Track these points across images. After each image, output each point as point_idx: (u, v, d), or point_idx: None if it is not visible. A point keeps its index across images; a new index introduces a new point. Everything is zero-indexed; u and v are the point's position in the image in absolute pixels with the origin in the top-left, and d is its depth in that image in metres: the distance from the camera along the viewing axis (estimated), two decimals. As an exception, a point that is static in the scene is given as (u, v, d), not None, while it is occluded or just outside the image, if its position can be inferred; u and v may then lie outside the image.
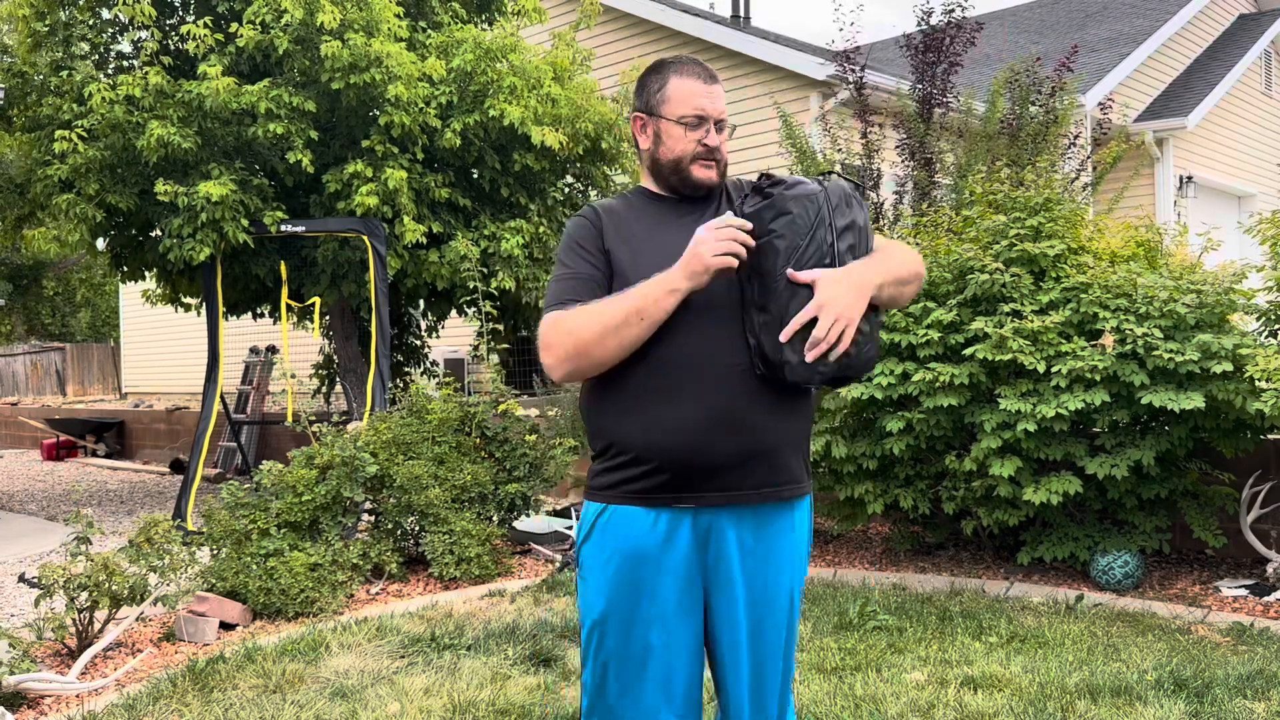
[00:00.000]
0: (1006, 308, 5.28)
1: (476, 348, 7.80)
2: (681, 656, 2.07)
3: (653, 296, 1.97)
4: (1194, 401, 4.74)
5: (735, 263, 1.95)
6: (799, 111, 10.64)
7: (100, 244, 9.22)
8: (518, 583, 5.71)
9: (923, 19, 9.51)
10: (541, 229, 8.51)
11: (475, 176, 8.63)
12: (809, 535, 2.20)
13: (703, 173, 2.12)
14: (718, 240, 1.95)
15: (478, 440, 6.51)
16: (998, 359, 5.12)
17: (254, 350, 12.08)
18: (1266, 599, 4.93)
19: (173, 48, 8.33)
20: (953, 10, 9.47)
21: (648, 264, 2.03)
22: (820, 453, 5.72)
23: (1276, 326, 5.14)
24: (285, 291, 8.28)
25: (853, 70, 9.67)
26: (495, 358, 7.12)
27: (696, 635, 2.10)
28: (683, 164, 2.12)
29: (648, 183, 2.21)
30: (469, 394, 7.25)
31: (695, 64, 2.15)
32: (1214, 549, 5.48)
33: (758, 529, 2.08)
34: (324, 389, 10.73)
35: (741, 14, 14.45)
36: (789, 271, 1.97)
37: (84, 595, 4.46)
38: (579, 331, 1.99)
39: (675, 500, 2.04)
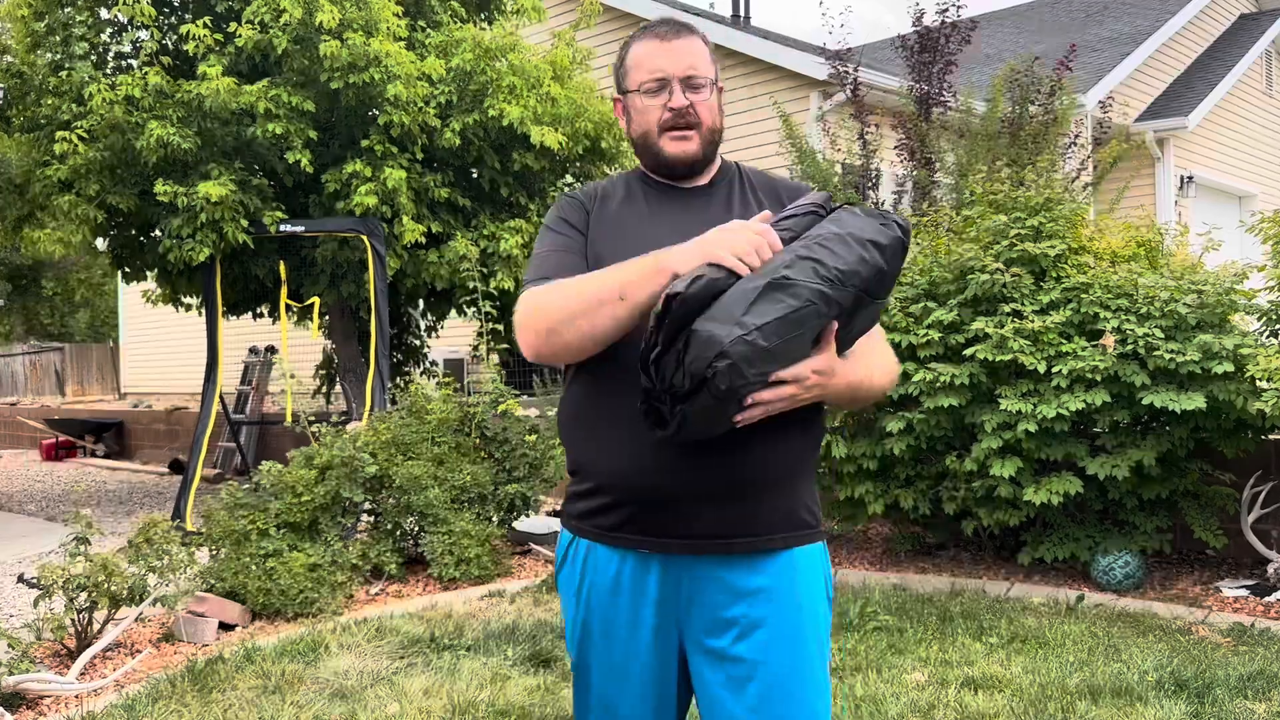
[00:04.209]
0: (1007, 308, 5.28)
1: (476, 348, 7.79)
2: (657, 706, 1.84)
3: (640, 274, 1.64)
4: (1195, 402, 4.73)
5: (740, 266, 1.60)
6: (799, 111, 10.63)
7: (101, 244, 9.21)
8: (517, 583, 5.70)
9: (916, 19, 9.52)
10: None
11: (475, 176, 8.62)
12: (822, 587, 1.81)
13: (675, 146, 1.84)
14: (740, 238, 1.62)
15: (477, 440, 6.50)
16: (998, 359, 5.11)
17: (253, 350, 12.07)
18: (1267, 599, 4.92)
19: (172, 48, 8.32)
20: (946, 10, 9.47)
21: (628, 254, 1.73)
22: (820, 453, 5.71)
23: (1277, 326, 5.13)
24: (285, 291, 8.27)
25: (847, 71, 9.67)
26: (495, 358, 7.12)
27: (671, 687, 1.84)
28: (650, 138, 1.85)
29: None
30: (469, 394, 7.25)
31: (660, 22, 1.89)
32: (1215, 549, 5.47)
33: (747, 579, 1.75)
34: (324, 389, 10.72)
35: (741, 14, 14.44)
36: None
37: (83, 596, 4.45)
38: (551, 310, 1.70)
39: (641, 542, 1.76)
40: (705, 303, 1.57)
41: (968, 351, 5.23)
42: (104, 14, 8.49)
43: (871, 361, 1.78)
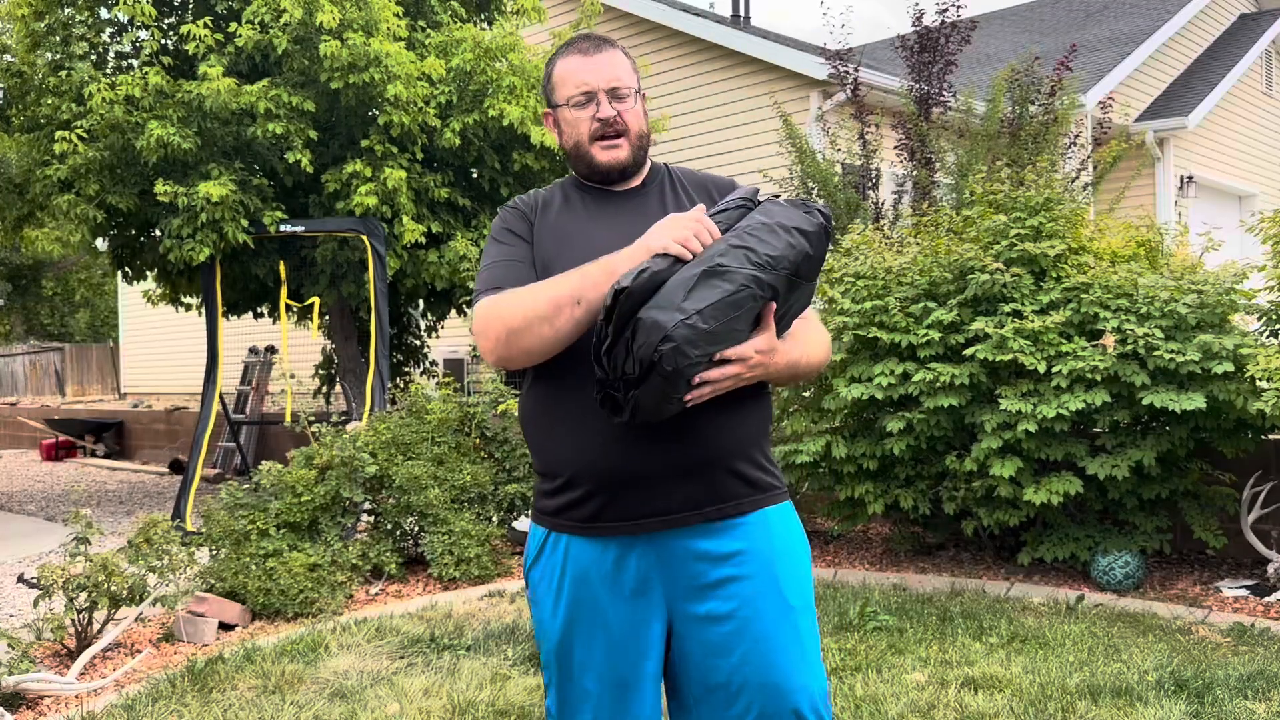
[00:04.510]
0: (1007, 308, 5.28)
1: (476, 348, 7.79)
2: (643, 691, 1.91)
3: (592, 279, 1.76)
4: (1195, 402, 4.73)
5: (684, 252, 1.73)
6: (799, 111, 10.64)
7: (101, 244, 9.21)
8: (517, 583, 5.70)
9: (916, 19, 9.52)
10: (541, 229, 8.50)
11: (475, 176, 8.62)
12: (797, 543, 1.94)
13: (606, 154, 1.95)
14: (679, 226, 1.76)
15: (477, 440, 6.50)
16: (998, 359, 5.11)
17: (253, 350, 12.07)
18: (1267, 599, 4.92)
19: (172, 48, 8.32)
20: (945, 10, 9.47)
21: (573, 258, 1.84)
22: (820, 453, 5.71)
23: (1277, 326, 5.13)
24: (285, 291, 8.28)
25: (847, 71, 9.67)
26: (495, 358, 7.11)
27: (658, 668, 1.93)
28: (582, 147, 1.96)
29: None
30: (468, 394, 7.25)
31: (581, 39, 1.99)
32: (1215, 549, 5.47)
33: (721, 543, 1.86)
34: (324, 389, 10.73)
35: (741, 14, 14.44)
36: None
37: (83, 596, 4.45)
38: (509, 316, 1.80)
39: (617, 529, 1.85)
40: (649, 294, 1.69)
41: (968, 351, 5.23)
42: (104, 14, 8.49)
43: (808, 339, 1.92)
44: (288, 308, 8.62)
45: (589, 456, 1.84)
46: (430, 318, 10.35)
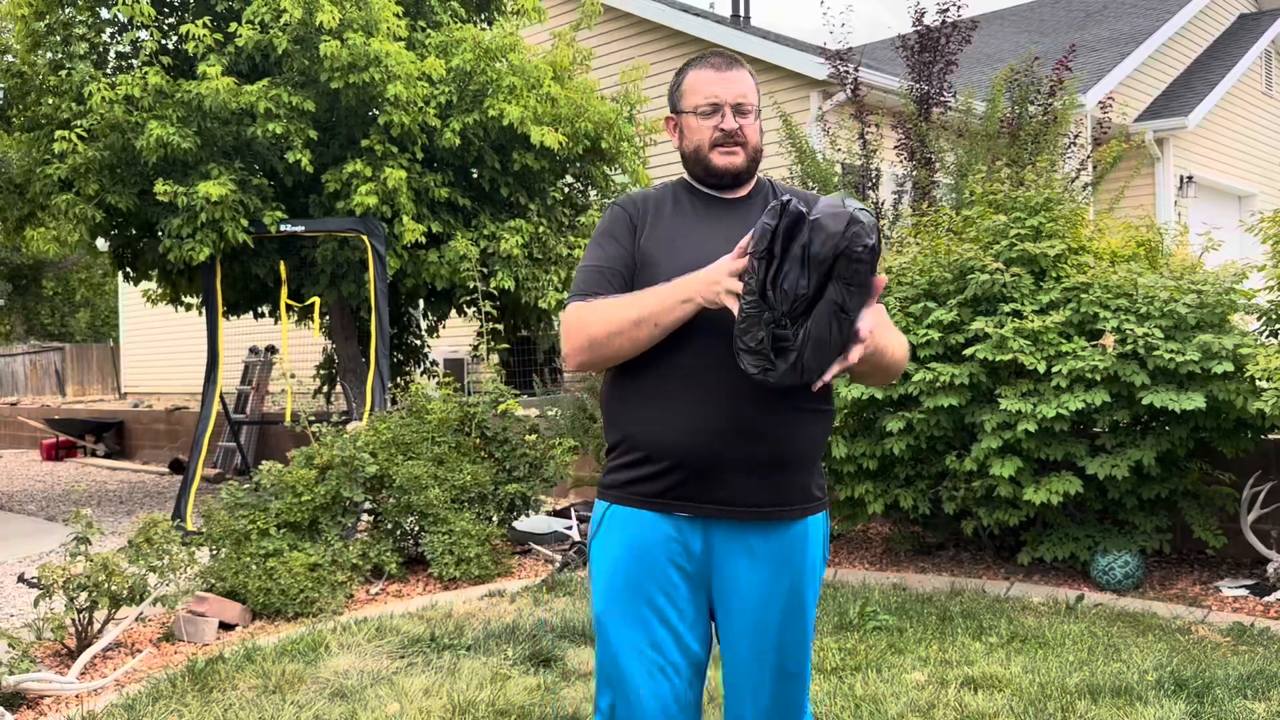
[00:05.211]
0: (1007, 308, 5.28)
1: (476, 348, 7.79)
2: (684, 660, 2.04)
3: (667, 304, 1.92)
4: (1194, 402, 4.74)
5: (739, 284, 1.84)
6: (799, 111, 10.64)
7: (101, 245, 9.21)
8: (517, 583, 5.70)
9: (916, 19, 9.53)
10: (541, 229, 8.51)
11: (475, 176, 8.62)
12: (825, 547, 2.14)
13: (723, 159, 2.09)
14: (724, 266, 1.88)
15: (477, 440, 6.50)
16: (998, 359, 5.11)
17: (253, 350, 12.08)
18: (1267, 599, 4.92)
19: (172, 48, 8.33)
20: (946, 10, 9.48)
21: (684, 256, 2.00)
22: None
23: (1277, 326, 5.13)
24: (285, 291, 8.27)
25: (847, 71, 9.67)
26: (495, 358, 7.12)
27: (702, 641, 2.07)
28: (701, 152, 2.10)
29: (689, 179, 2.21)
30: (469, 394, 7.25)
31: (715, 55, 2.14)
32: (1214, 549, 5.48)
33: (770, 543, 2.03)
34: (324, 389, 10.73)
35: (741, 14, 14.45)
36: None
37: (83, 595, 4.45)
38: (592, 327, 1.98)
39: (682, 507, 2.00)
40: (803, 214, 1.75)
41: (967, 351, 5.24)
42: (104, 14, 8.49)
43: (891, 333, 2.01)
44: (288, 308, 8.62)
45: (680, 438, 1.97)
46: (430, 318, 10.35)
